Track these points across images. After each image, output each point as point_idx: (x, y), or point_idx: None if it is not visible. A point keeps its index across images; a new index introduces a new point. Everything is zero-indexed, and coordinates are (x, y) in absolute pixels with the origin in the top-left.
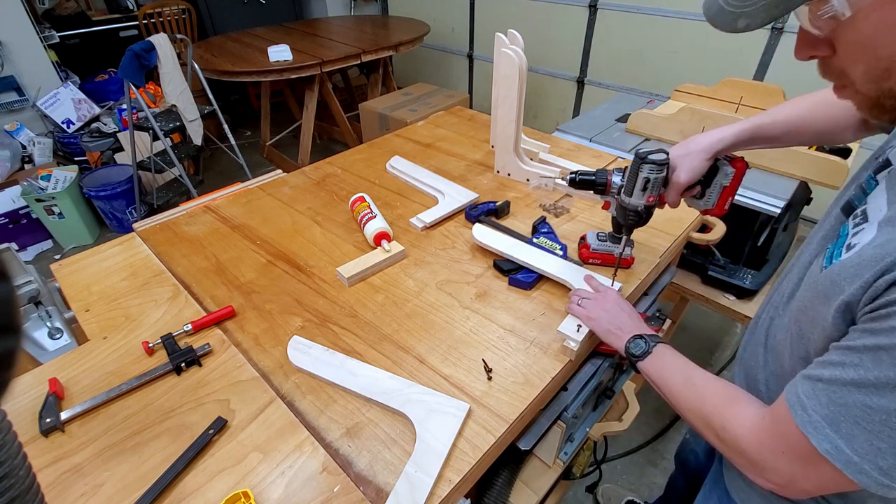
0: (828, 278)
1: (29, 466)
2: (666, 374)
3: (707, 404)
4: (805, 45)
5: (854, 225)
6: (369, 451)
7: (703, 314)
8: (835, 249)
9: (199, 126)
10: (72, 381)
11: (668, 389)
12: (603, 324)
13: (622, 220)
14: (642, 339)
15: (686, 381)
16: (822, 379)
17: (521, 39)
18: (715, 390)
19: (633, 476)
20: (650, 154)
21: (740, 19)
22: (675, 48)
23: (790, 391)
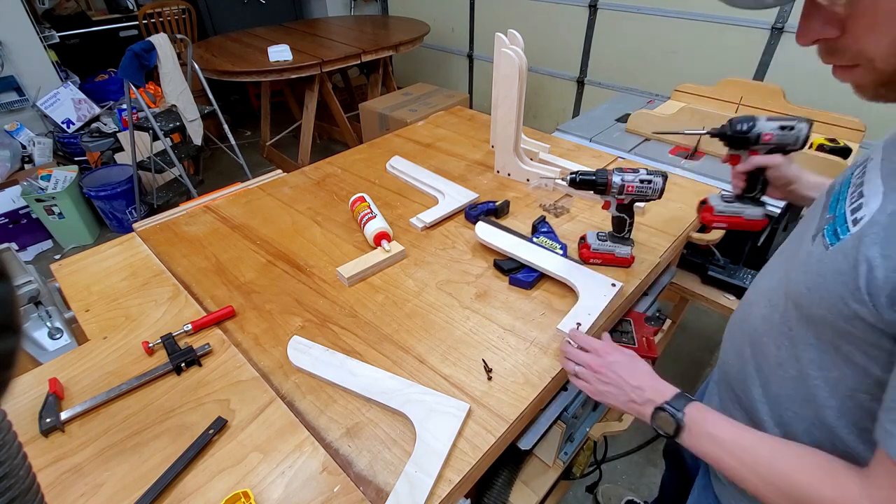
0: (839, 253)
1: (29, 466)
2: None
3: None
4: (813, 27)
5: (850, 203)
6: (369, 451)
7: (703, 314)
8: (837, 227)
9: (199, 126)
10: (72, 381)
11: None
12: (618, 399)
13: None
14: (664, 410)
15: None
16: None
17: (521, 39)
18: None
19: (633, 476)
20: None
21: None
22: (675, 48)
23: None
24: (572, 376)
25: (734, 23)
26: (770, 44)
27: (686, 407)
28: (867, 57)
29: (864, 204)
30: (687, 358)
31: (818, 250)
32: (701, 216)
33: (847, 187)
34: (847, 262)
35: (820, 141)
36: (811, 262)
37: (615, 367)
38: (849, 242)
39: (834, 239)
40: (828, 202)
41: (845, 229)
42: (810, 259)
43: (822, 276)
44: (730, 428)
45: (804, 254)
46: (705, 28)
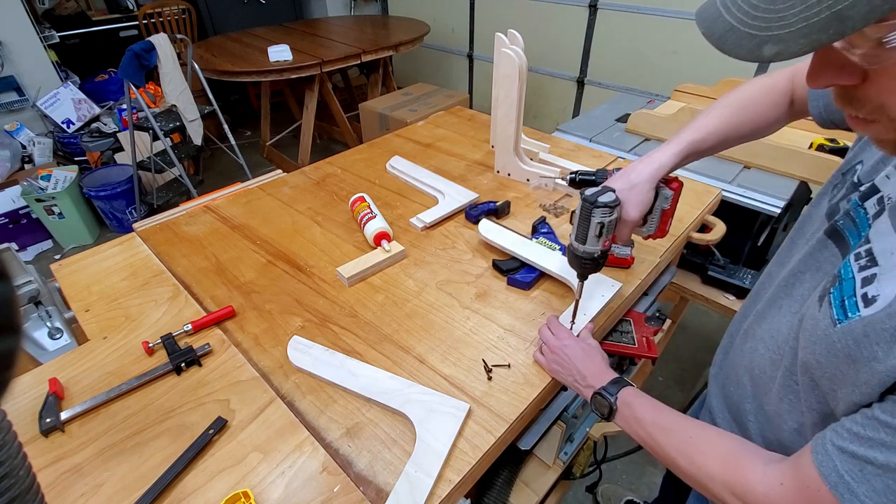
0: (849, 337)
1: (29, 466)
2: (639, 431)
3: (702, 468)
4: (827, 71)
5: (860, 268)
6: (369, 451)
7: (703, 314)
8: (844, 298)
9: (199, 126)
10: (72, 381)
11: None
12: (566, 378)
13: (577, 269)
14: (600, 395)
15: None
16: (875, 462)
17: (521, 39)
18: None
19: (633, 476)
20: (599, 196)
21: (767, 45)
22: (675, 48)
23: (825, 465)
24: (536, 351)
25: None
26: None
27: (619, 392)
28: (889, 116)
29: (878, 277)
30: (687, 358)
31: (824, 323)
32: None
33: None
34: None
35: (820, 141)
36: (818, 335)
37: (568, 352)
38: (858, 328)
39: (842, 315)
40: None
41: (854, 305)
42: (817, 330)
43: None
44: (652, 411)
45: (812, 318)
46: None
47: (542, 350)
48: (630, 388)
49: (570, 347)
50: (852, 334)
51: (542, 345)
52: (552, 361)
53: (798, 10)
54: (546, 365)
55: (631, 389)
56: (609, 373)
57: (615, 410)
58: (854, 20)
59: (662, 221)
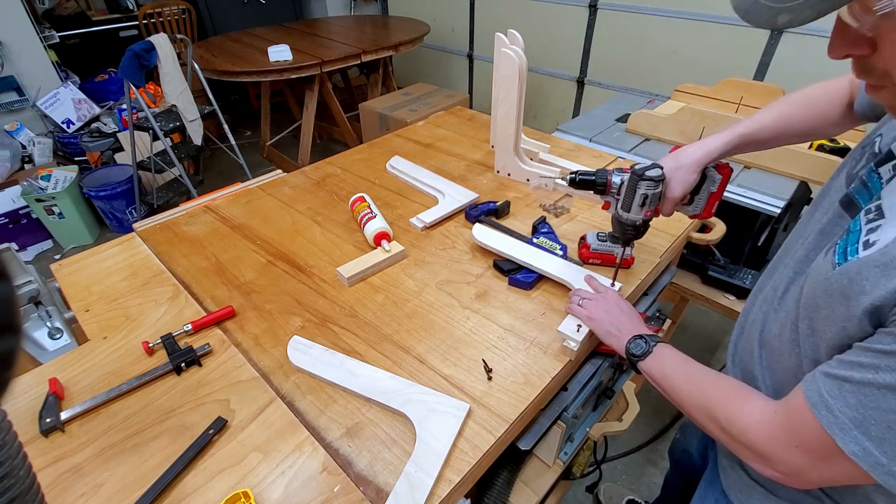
0: (844, 276)
1: (29, 466)
2: (667, 371)
3: (711, 398)
4: (842, 43)
5: (868, 220)
6: (369, 451)
7: (703, 314)
8: (847, 245)
9: (199, 126)
10: (72, 381)
11: (671, 387)
12: (604, 325)
13: (620, 235)
14: (642, 338)
15: (688, 378)
16: (851, 380)
17: (521, 39)
18: (718, 384)
19: (633, 476)
20: (647, 170)
21: (781, 14)
22: (675, 48)
23: (810, 389)
24: (573, 305)
25: (734, 23)
26: (770, 44)
27: (658, 343)
28: (893, 81)
29: (882, 227)
30: None
31: (826, 268)
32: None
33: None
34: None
35: (820, 140)
36: (819, 279)
37: (619, 303)
38: (853, 268)
39: (842, 259)
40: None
41: (854, 250)
42: (819, 275)
43: (829, 295)
44: (682, 359)
45: (816, 266)
46: (705, 28)
47: (583, 303)
48: (669, 345)
49: (622, 302)
50: (847, 273)
51: (579, 298)
52: (597, 309)
53: None
54: (586, 313)
55: (669, 346)
56: (647, 329)
57: (649, 353)
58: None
59: (709, 203)
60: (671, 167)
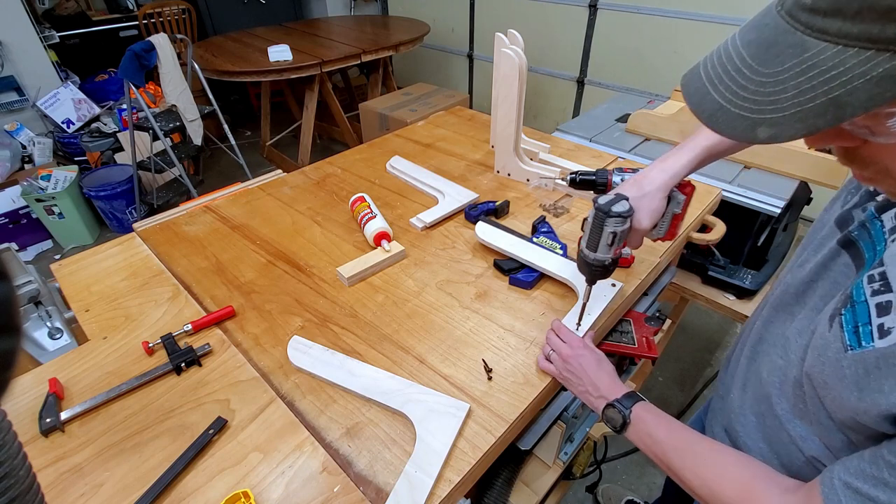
0: (860, 366)
1: (29, 466)
2: (654, 448)
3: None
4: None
5: (873, 292)
6: (369, 451)
7: (703, 314)
8: (858, 324)
9: (199, 126)
10: (72, 381)
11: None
12: (575, 387)
13: (586, 275)
14: (614, 407)
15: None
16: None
17: (521, 39)
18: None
19: (633, 476)
20: (612, 205)
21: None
22: (675, 48)
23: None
24: (542, 358)
25: (734, 23)
26: None
27: (633, 406)
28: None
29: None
30: (687, 358)
31: (835, 346)
32: None
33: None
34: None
35: None
36: (828, 358)
37: (581, 361)
38: (871, 359)
39: (854, 342)
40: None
41: (868, 336)
42: (827, 352)
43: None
44: (666, 428)
45: (821, 337)
46: (705, 28)
47: (551, 358)
48: (644, 403)
49: (584, 357)
50: (864, 364)
51: (549, 352)
52: (564, 370)
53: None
54: (556, 373)
55: (644, 404)
56: (621, 386)
57: (628, 424)
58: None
59: (672, 225)
60: (635, 196)
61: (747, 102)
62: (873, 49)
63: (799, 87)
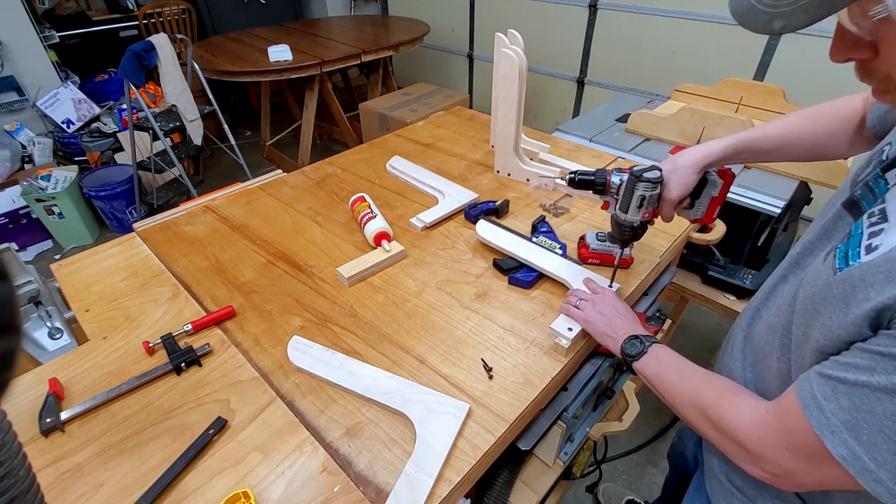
0: (847, 281)
1: (29, 466)
2: (661, 370)
3: (703, 397)
4: (843, 47)
5: (870, 224)
6: (369, 451)
7: (703, 314)
8: (849, 249)
9: (199, 126)
10: (72, 381)
11: (663, 386)
12: (599, 327)
13: (618, 235)
14: (637, 339)
15: (680, 376)
16: (846, 381)
17: (521, 39)
18: (710, 383)
19: (633, 476)
20: (644, 172)
21: (776, 20)
22: (675, 48)
23: (803, 388)
24: (569, 306)
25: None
26: (770, 44)
27: (653, 344)
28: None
29: (886, 230)
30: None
31: (826, 273)
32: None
33: (882, 192)
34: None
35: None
36: (818, 285)
37: (614, 304)
38: (856, 273)
39: (843, 263)
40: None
41: (856, 255)
42: (818, 280)
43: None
44: (676, 358)
45: (813, 271)
46: (705, 28)
47: (578, 304)
48: (664, 346)
49: (616, 301)
50: (850, 279)
51: (576, 299)
52: (592, 310)
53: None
54: (582, 315)
55: (665, 347)
56: (644, 330)
57: (644, 353)
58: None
59: (710, 208)
60: (668, 169)
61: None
62: None
63: None
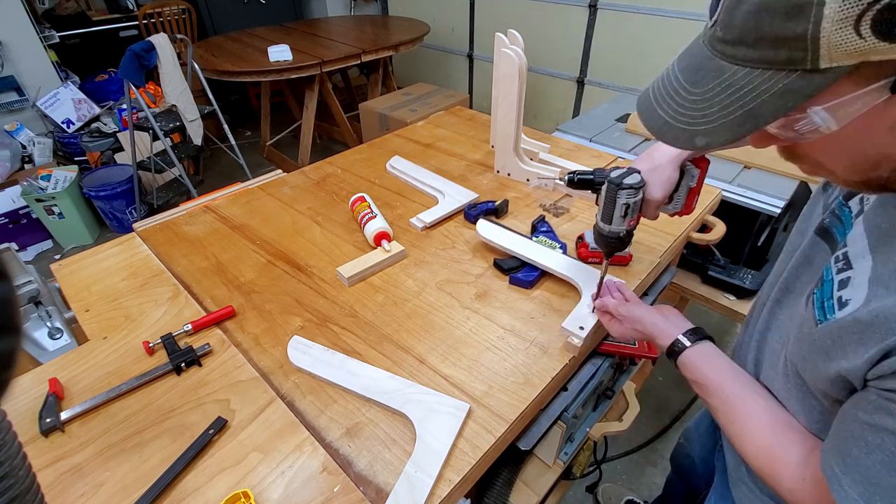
0: (828, 337)
1: (29, 466)
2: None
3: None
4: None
5: (837, 270)
6: (369, 451)
7: (703, 314)
8: (824, 299)
9: (199, 126)
10: (72, 381)
11: (708, 405)
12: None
13: (603, 247)
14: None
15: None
16: (851, 455)
17: (521, 39)
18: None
19: (633, 476)
20: (624, 178)
21: (697, 137)
22: (675, 48)
23: (825, 462)
24: (603, 313)
25: None
26: None
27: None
28: (828, 169)
29: (851, 281)
30: None
31: (809, 323)
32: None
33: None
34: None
35: None
36: (803, 333)
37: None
38: (834, 329)
39: (822, 315)
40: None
41: (831, 307)
42: (802, 328)
43: (814, 352)
44: (719, 364)
45: (799, 316)
46: None
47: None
48: (708, 343)
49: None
50: (830, 335)
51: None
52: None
53: (717, 110)
54: (622, 333)
55: (709, 345)
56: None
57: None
58: (765, 116)
59: (689, 199)
60: (647, 169)
61: (685, 117)
62: (772, 69)
63: (721, 103)
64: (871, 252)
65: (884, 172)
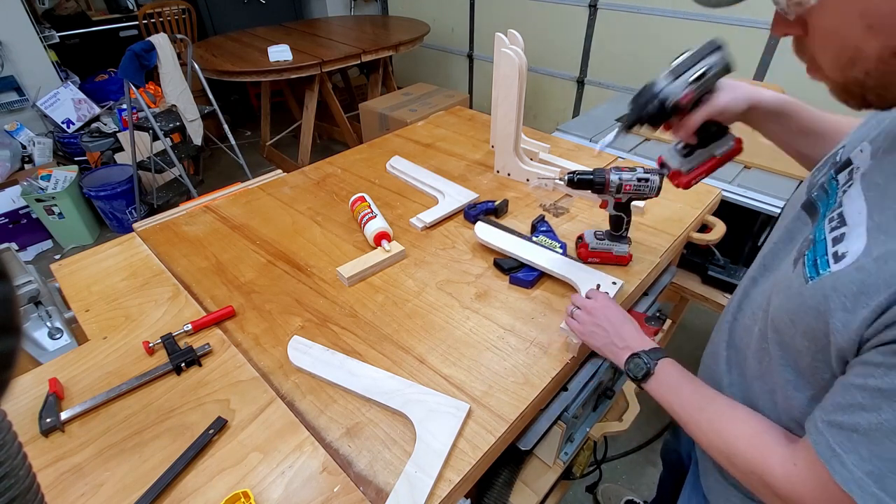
0: (819, 292)
1: (29, 466)
2: (674, 400)
3: (729, 445)
4: (780, 22)
5: (832, 228)
6: (369, 451)
7: (703, 314)
8: (817, 257)
9: (199, 126)
10: (72, 381)
11: (680, 418)
12: (601, 340)
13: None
14: (639, 357)
15: (700, 412)
16: (859, 429)
17: (521, 39)
18: (734, 427)
19: (633, 476)
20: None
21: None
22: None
23: (819, 443)
24: (567, 317)
25: (734, 23)
26: (770, 44)
27: (659, 360)
28: (818, 66)
29: (847, 235)
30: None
31: (798, 281)
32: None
33: (834, 193)
34: (826, 303)
35: None
36: (791, 293)
37: (607, 313)
38: (828, 283)
39: (814, 272)
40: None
41: (825, 263)
42: (790, 289)
43: (804, 311)
44: (689, 385)
45: (785, 278)
46: (705, 28)
47: (575, 315)
48: (669, 360)
49: (611, 310)
50: (822, 289)
51: (573, 310)
52: (590, 324)
53: None
54: (580, 329)
55: (670, 360)
56: (647, 340)
57: (651, 375)
58: None
59: (701, 168)
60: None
61: None
62: None
63: None
64: (866, 204)
65: (859, 73)
